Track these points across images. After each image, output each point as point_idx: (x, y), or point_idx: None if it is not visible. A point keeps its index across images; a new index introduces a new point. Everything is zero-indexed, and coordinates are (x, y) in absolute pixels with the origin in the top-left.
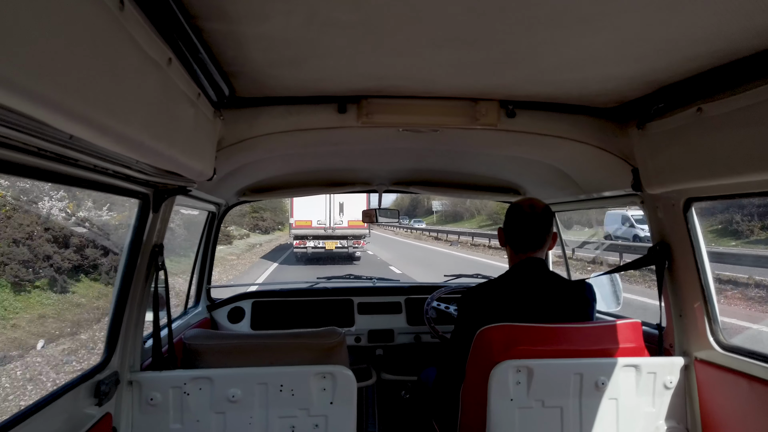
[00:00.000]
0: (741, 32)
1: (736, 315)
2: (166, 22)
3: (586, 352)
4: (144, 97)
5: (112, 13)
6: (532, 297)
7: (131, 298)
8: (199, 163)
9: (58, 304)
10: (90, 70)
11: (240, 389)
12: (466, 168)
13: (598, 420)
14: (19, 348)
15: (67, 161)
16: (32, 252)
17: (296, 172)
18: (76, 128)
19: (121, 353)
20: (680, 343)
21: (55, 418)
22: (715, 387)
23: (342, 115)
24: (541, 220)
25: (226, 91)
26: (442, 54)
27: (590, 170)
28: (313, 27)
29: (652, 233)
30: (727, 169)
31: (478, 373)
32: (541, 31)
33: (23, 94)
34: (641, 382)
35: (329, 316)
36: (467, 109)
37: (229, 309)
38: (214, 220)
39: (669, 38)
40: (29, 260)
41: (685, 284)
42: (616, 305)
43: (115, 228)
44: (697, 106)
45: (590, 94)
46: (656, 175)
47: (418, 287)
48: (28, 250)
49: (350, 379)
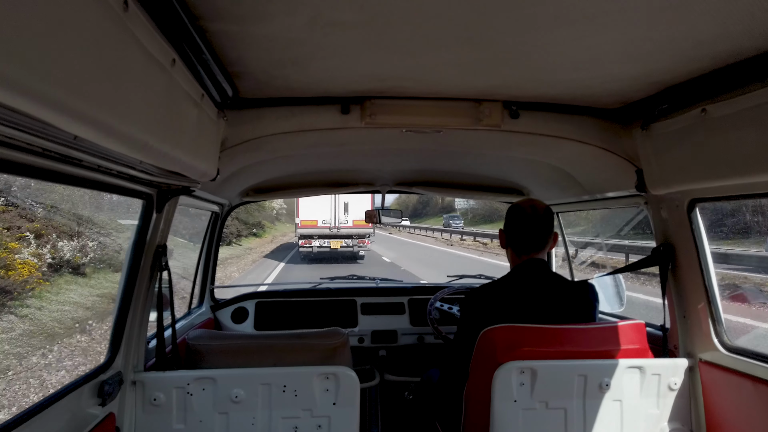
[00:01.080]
0: (745, 33)
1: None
2: (170, 23)
3: (590, 353)
4: (148, 98)
5: (116, 13)
6: (535, 298)
7: (135, 299)
8: (202, 163)
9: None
10: (94, 71)
11: (243, 390)
12: (470, 168)
13: (602, 421)
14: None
15: (72, 161)
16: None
17: (299, 172)
18: (80, 129)
19: (125, 353)
20: (684, 344)
21: (59, 418)
22: (720, 389)
23: (345, 116)
24: (542, 221)
25: (229, 92)
26: (445, 54)
27: (594, 171)
28: (316, 28)
29: (656, 234)
30: (731, 170)
31: (481, 375)
32: (545, 31)
33: (27, 95)
34: (645, 383)
35: (332, 317)
36: (471, 109)
37: (233, 309)
38: (217, 220)
39: (673, 39)
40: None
41: (689, 285)
42: (619, 306)
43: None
44: (701, 107)
45: (594, 94)
46: (660, 176)
47: (421, 288)
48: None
49: (353, 380)
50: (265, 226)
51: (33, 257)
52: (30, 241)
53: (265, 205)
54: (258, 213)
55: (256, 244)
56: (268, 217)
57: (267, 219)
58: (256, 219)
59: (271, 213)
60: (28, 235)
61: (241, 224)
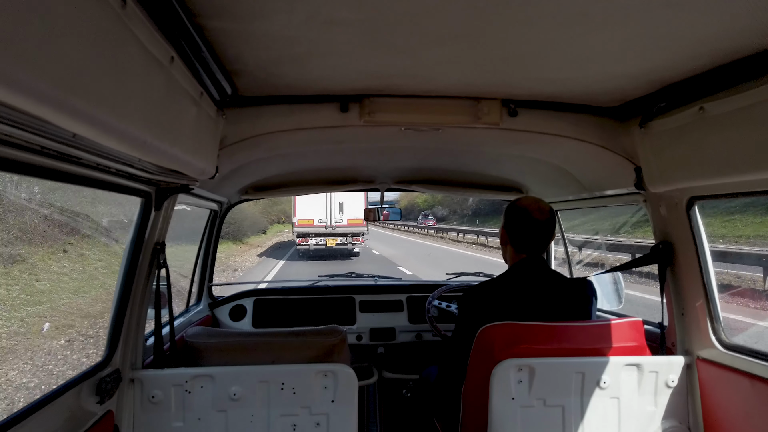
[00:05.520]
0: (744, 31)
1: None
2: (169, 20)
3: (588, 350)
4: (147, 96)
5: (114, 11)
6: (534, 295)
7: (133, 296)
8: (201, 161)
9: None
10: (92, 68)
11: (241, 387)
12: (468, 166)
13: (600, 419)
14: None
15: (70, 159)
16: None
17: (298, 170)
18: (79, 127)
19: (123, 351)
20: (682, 342)
21: (57, 416)
22: (718, 386)
23: (344, 114)
24: (550, 225)
25: (228, 90)
26: (444, 52)
27: (593, 169)
28: (315, 25)
29: (654, 232)
30: (729, 167)
31: (479, 372)
32: (544, 28)
33: (26, 93)
34: (643, 381)
35: (331, 315)
36: (469, 107)
37: (231, 307)
38: (216, 218)
39: (672, 36)
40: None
41: (687, 283)
42: (618, 304)
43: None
44: (700, 105)
45: (593, 92)
46: (659, 174)
47: (420, 285)
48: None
49: (352, 378)
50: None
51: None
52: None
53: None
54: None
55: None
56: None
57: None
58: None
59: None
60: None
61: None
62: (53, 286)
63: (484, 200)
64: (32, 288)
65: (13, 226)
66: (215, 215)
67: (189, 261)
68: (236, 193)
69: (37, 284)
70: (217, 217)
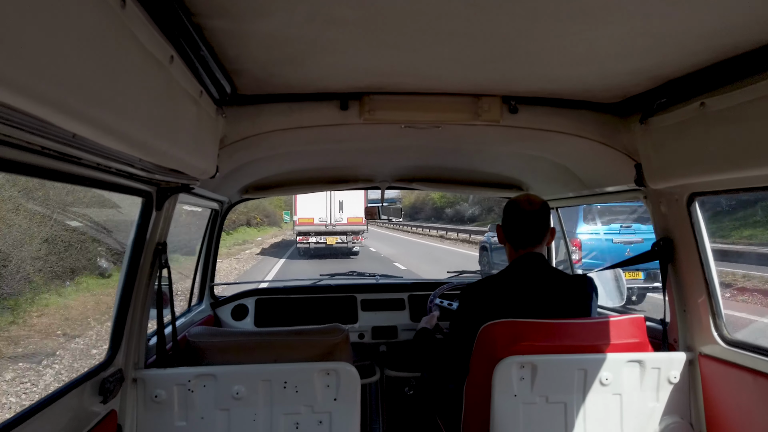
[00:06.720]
0: (744, 26)
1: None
2: (168, 20)
3: (590, 347)
4: (146, 96)
5: (114, 11)
6: (534, 292)
7: (135, 296)
8: (201, 161)
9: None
10: (92, 68)
11: (244, 386)
12: (469, 164)
13: (602, 415)
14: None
15: (71, 160)
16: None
17: (299, 169)
18: (79, 127)
19: (126, 351)
20: (684, 338)
21: (61, 416)
22: (720, 382)
23: (344, 112)
24: (540, 216)
25: (228, 89)
26: (443, 50)
27: (593, 166)
28: (314, 24)
29: (655, 228)
30: (730, 163)
31: (481, 369)
32: (544, 25)
33: (26, 93)
34: (645, 377)
35: (332, 313)
36: (469, 105)
37: (233, 306)
38: (217, 217)
39: (672, 32)
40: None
41: (688, 279)
42: (619, 300)
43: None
44: (700, 101)
45: (593, 89)
46: (659, 170)
47: (421, 284)
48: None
49: (354, 376)
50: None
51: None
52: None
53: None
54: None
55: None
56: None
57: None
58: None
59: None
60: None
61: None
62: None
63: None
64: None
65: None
66: (216, 215)
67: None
68: (237, 193)
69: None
70: (218, 216)
